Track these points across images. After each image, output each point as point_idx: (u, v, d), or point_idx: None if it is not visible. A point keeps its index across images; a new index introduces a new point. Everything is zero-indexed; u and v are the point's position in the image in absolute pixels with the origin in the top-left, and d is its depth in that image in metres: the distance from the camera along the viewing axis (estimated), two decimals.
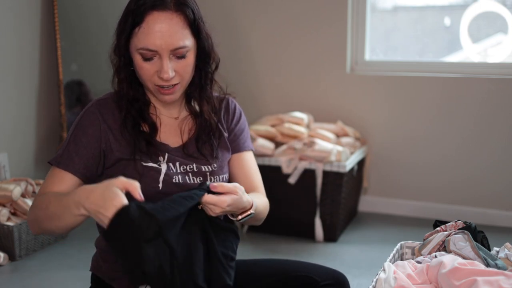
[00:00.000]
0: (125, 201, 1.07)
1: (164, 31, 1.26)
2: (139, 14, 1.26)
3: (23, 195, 2.64)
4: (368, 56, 3.24)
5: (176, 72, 1.30)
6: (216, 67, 1.43)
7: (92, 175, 1.34)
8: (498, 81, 2.93)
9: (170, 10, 1.27)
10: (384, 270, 1.26)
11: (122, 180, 1.11)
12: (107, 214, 1.06)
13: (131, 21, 1.27)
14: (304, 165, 2.75)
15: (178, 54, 1.29)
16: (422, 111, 3.09)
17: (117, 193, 1.08)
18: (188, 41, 1.30)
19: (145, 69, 1.30)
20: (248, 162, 1.51)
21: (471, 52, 3.13)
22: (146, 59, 1.29)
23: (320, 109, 3.26)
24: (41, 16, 3.03)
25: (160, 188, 1.33)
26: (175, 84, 1.32)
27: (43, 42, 3.06)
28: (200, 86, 1.42)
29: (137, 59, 1.30)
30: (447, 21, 3.24)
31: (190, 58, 1.33)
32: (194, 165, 1.38)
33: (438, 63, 3.18)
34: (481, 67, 3.05)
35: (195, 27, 1.32)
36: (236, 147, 1.50)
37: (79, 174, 1.31)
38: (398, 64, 3.19)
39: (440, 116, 3.06)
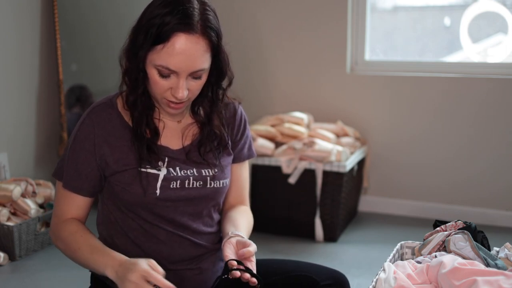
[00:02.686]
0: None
1: (188, 54, 1.24)
2: (165, 32, 1.22)
3: (23, 195, 2.64)
4: (368, 56, 3.24)
5: (188, 91, 1.29)
6: (230, 84, 1.41)
7: (98, 188, 1.37)
8: (498, 81, 2.93)
9: (197, 33, 1.24)
10: (384, 270, 1.26)
11: (146, 271, 1.18)
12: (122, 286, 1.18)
13: (154, 36, 1.24)
14: (304, 165, 2.75)
15: (195, 75, 1.28)
16: (422, 111, 3.09)
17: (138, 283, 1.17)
18: (207, 63, 1.29)
19: (160, 85, 1.28)
20: (243, 174, 1.52)
21: (471, 52, 3.13)
22: (163, 75, 1.27)
23: (320, 109, 3.26)
24: (41, 16, 3.03)
25: (158, 194, 1.32)
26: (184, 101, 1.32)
27: (43, 42, 3.06)
28: (212, 100, 1.41)
29: (153, 73, 1.27)
30: (447, 21, 3.23)
31: (204, 78, 1.32)
32: (195, 169, 1.37)
33: (438, 63, 3.18)
34: (481, 67, 3.05)
35: (216, 50, 1.30)
36: (236, 158, 1.50)
37: (86, 193, 1.35)
38: (398, 64, 3.19)
39: (440, 116, 3.06)
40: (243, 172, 1.52)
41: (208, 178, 1.38)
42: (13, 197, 2.55)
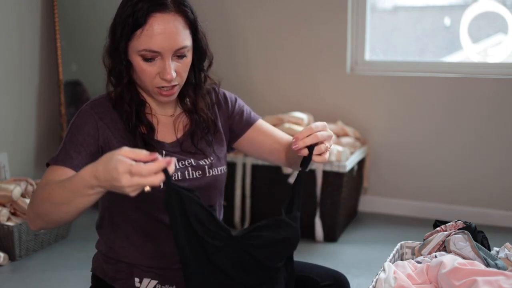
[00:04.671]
0: (130, 162, 0.99)
1: (168, 32, 1.26)
2: (141, 17, 1.25)
3: (23, 195, 2.64)
4: (368, 56, 3.24)
5: (176, 73, 1.31)
6: (210, 65, 1.43)
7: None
8: (498, 81, 2.93)
9: (172, 11, 1.27)
10: (384, 270, 1.26)
11: (125, 150, 1.01)
12: (121, 183, 0.99)
13: (132, 24, 1.26)
14: None
15: (179, 54, 1.30)
16: (422, 111, 3.09)
17: (120, 159, 0.99)
18: (188, 41, 1.31)
19: (147, 71, 1.29)
20: (266, 127, 1.53)
21: (471, 52, 3.13)
22: (147, 59, 1.28)
23: (320, 109, 3.26)
24: (41, 16, 3.03)
25: (162, 187, 1.33)
26: (174, 85, 1.33)
27: (43, 42, 3.06)
28: (195, 84, 1.43)
29: (138, 61, 1.29)
30: (447, 21, 3.24)
31: (189, 58, 1.34)
32: (192, 159, 1.39)
33: (438, 63, 3.18)
34: (481, 67, 3.05)
35: (194, 27, 1.33)
36: (248, 122, 1.52)
37: (75, 167, 1.25)
38: (398, 64, 3.19)
39: (440, 116, 3.06)
40: (264, 126, 1.53)
41: (206, 167, 1.40)
42: (13, 197, 2.55)
